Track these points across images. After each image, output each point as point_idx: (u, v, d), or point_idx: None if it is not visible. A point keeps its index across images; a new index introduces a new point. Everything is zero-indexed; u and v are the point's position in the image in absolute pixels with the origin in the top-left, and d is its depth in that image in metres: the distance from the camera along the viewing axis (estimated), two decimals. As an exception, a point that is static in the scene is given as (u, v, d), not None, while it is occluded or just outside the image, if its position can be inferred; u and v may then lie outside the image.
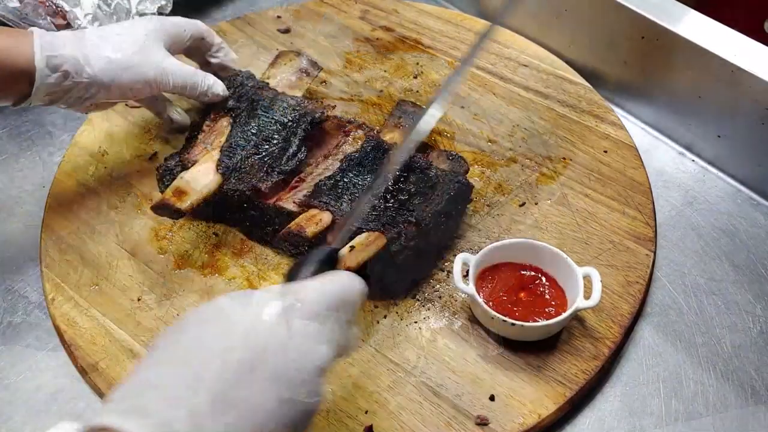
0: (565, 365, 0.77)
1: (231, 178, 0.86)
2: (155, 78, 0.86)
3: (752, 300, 0.84)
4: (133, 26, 0.88)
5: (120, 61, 0.84)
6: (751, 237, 0.90)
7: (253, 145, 0.88)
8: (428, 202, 0.83)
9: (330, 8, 1.21)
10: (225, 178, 0.86)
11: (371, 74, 1.10)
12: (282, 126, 0.90)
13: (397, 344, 0.79)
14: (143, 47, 0.86)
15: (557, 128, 1.00)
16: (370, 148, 0.88)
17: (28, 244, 0.91)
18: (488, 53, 1.11)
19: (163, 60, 0.87)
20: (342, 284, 0.61)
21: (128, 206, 0.93)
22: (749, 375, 0.78)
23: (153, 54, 0.87)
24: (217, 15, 1.25)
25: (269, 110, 0.91)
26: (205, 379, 0.51)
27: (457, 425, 0.73)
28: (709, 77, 0.94)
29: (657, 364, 0.79)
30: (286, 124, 0.90)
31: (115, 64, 0.84)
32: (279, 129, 0.90)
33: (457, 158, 0.90)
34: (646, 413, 0.76)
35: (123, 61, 0.85)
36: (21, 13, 1.02)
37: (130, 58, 0.85)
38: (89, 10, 1.06)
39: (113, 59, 0.84)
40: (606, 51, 1.06)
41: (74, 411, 0.77)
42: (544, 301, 0.79)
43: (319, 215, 0.82)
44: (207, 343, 0.54)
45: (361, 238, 0.80)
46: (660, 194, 0.95)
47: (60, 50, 0.81)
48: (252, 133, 0.90)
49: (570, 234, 0.88)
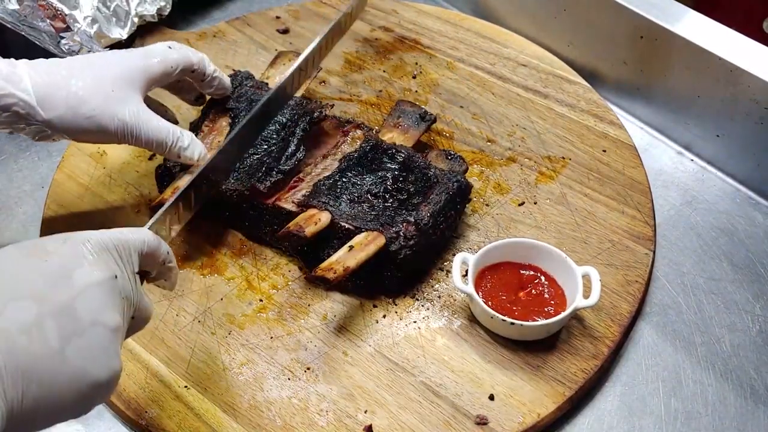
0: (565, 364, 0.77)
1: (229, 178, 0.86)
2: (116, 132, 0.78)
3: (751, 299, 0.84)
4: (107, 64, 0.79)
5: (77, 109, 0.76)
6: (750, 236, 0.90)
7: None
8: (427, 202, 0.83)
9: (329, 9, 1.21)
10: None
11: (370, 74, 1.10)
12: (281, 126, 0.90)
13: (396, 344, 0.79)
14: (108, 96, 0.77)
15: (556, 128, 1.01)
16: (369, 147, 0.88)
17: (27, 245, 0.91)
18: (487, 53, 1.11)
19: (130, 113, 0.78)
20: (122, 231, 0.62)
21: (127, 207, 0.93)
22: (748, 374, 0.78)
23: (120, 104, 0.77)
24: (217, 15, 1.25)
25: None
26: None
27: (457, 425, 0.73)
28: (707, 77, 0.95)
29: (656, 363, 0.79)
30: (285, 124, 0.90)
31: (72, 112, 0.76)
32: (278, 129, 0.90)
33: (456, 158, 0.90)
34: (646, 413, 0.76)
35: (81, 111, 0.76)
36: (20, 15, 1.02)
37: (91, 108, 0.76)
38: (88, 13, 1.06)
39: (71, 106, 0.75)
40: (605, 50, 1.06)
41: (74, 411, 0.77)
42: (543, 301, 0.79)
43: (317, 215, 0.82)
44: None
45: (360, 238, 0.80)
46: (659, 194, 0.95)
47: (13, 87, 0.73)
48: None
49: (569, 233, 0.88)
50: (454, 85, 1.07)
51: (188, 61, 0.85)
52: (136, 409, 0.75)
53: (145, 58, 0.82)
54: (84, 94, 0.76)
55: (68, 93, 0.76)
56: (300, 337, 0.80)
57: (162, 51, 0.83)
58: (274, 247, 0.88)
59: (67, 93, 0.76)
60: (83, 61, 0.79)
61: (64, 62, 0.79)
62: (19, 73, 0.75)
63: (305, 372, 0.77)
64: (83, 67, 0.78)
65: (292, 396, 0.76)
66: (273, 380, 0.77)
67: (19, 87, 0.74)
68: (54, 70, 0.77)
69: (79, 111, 0.76)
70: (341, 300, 0.83)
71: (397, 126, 0.94)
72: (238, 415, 0.74)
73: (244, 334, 0.81)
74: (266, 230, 0.87)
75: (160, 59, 0.82)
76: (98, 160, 0.99)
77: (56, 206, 0.93)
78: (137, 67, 0.80)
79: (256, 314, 0.82)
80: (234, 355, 0.79)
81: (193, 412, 0.75)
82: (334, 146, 0.92)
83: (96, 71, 0.78)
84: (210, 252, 0.88)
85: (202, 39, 1.16)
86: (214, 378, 0.77)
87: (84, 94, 0.76)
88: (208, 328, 0.81)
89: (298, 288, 0.85)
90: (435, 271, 0.86)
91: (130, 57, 0.81)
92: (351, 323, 0.81)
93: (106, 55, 0.82)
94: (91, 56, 0.81)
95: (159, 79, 0.83)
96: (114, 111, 0.77)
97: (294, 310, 0.83)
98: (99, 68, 0.78)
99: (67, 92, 0.76)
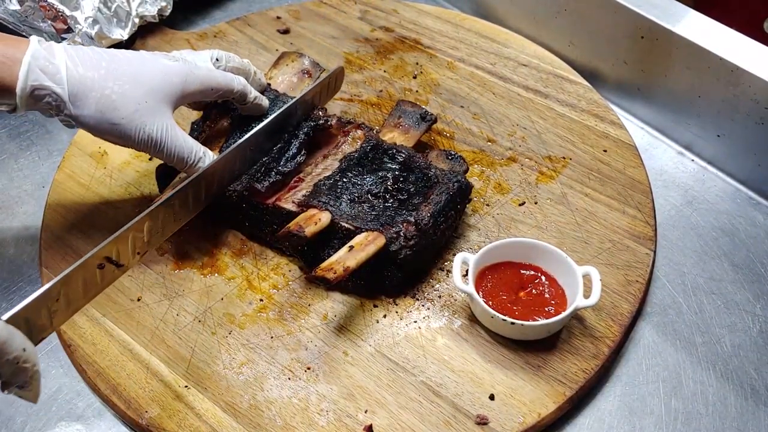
0: (565, 364, 0.77)
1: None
2: (140, 143, 0.77)
3: (752, 299, 0.84)
4: (148, 71, 0.76)
5: (107, 114, 0.74)
6: (751, 236, 0.90)
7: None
8: (427, 202, 0.83)
9: (329, 9, 1.21)
10: None
11: (371, 74, 1.10)
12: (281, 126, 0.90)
13: (396, 344, 0.79)
14: (140, 107, 0.75)
15: (557, 128, 1.00)
16: (369, 148, 0.88)
17: (28, 244, 0.92)
18: (487, 53, 1.11)
19: (158, 128, 0.77)
20: None
21: (127, 206, 0.93)
22: (749, 374, 0.78)
23: (149, 118, 0.76)
24: (218, 15, 1.25)
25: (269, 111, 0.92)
26: None
27: (457, 424, 0.73)
28: (708, 77, 0.94)
29: (657, 363, 0.79)
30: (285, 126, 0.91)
31: (100, 115, 0.75)
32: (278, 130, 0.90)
33: (457, 158, 0.90)
34: (646, 413, 0.76)
35: (110, 116, 0.75)
36: (21, 16, 1.02)
37: (120, 116, 0.75)
38: (90, 14, 1.06)
39: (101, 109, 0.74)
40: (605, 50, 1.06)
41: (74, 411, 0.77)
42: (543, 300, 0.79)
43: (318, 215, 0.82)
44: None
45: (360, 238, 0.80)
46: (659, 193, 0.95)
47: (47, 80, 0.73)
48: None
49: (570, 233, 0.88)
50: (454, 85, 1.07)
51: (229, 87, 0.82)
52: (136, 409, 0.75)
53: (187, 74, 0.79)
54: (117, 99, 0.75)
55: (101, 95, 0.74)
56: (300, 337, 0.80)
57: (206, 72, 0.80)
58: (275, 247, 0.88)
59: (101, 95, 0.74)
60: (124, 60, 0.77)
61: (106, 55, 0.77)
62: (57, 63, 0.74)
63: (305, 372, 0.77)
64: (123, 68, 0.76)
65: (293, 396, 0.76)
66: (273, 380, 0.77)
67: (55, 79, 0.73)
68: (93, 64, 0.75)
69: (107, 115, 0.75)
70: (342, 300, 0.83)
71: (397, 126, 0.94)
72: (238, 414, 0.74)
73: (244, 334, 0.81)
74: (267, 230, 0.87)
75: (201, 81, 0.80)
76: (99, 160, 0.99)
77: (57, 206, 0.93)
78: (177, 82, 0.78)
79: (256, 314, 0.82)
80: (234, 355, 0.79)
81: (193, 412, 0.75)
82: (334, 146, 0.92)
83: (134, 77, 0.76)
84: (210, 252, 0.88)
85: (203, 39, 1.16)
86: (214, 378, 0.77)
87: (117, 99, 0.75)
88: (209, 327, 0.81)
89: (298, 288, 0.85)
90: (435, 271, 0.86)
91: (172, 70, 0.78)
92: (351, 323, 0.81)
93: (149, 60, 0.79)
94: (133, 56, 0.78)
95: (196, 97, 0.81)
96: (142, 123, 0.76)
97: (294, 309, 0.83)
98: (138, 74, 0.76)
99: (100, 94, 0.74)
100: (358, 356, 0.79)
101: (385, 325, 0.81)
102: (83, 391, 0.79)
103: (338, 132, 0.93)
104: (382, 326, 0.81)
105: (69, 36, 1.04)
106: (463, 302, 0.82)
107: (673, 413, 0.76)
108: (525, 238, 0.85)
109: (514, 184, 0.94)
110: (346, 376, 0.77)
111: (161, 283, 0.85)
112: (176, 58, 0.81)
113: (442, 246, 0.87)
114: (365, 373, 0.77)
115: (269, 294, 0.84)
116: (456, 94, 1.06)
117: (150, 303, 0.84)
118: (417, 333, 0.80)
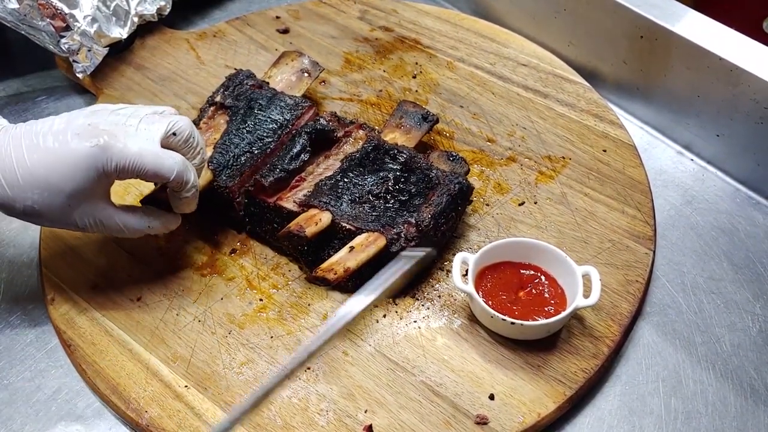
0: (565, 364, 0.77)
1: (222, 174, 0.86)
2: (85, 230, 0.77)
3: (751, 299, 0.84)
4: (62, 172, 0.72)
5: (37, 221, 0.76)
6: (750, 236, 0.90)
7: (246, 143, 0.89)
8: (428, 203, 0.83)
9: (329, 8, 1.21)
10: (216, 175, 0.86)
11: (370, 74, 1.10)
12: (278, 125, 0.90)
13: (396, 343, 0.79)
14: (66, 212, 0.74)
15: (556, 127, 1.01)
16: (371, 148, 0.88)
17: (27, 244, 0.91)
18: (487, 52, 1.11)
19: (92, 221, 0.76)
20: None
21: (128, 206, 0.93)
22: (748, 374, 0.78)
23: (80, 214, 0.75)
24: (217, 15, 1.25)
25: (266, 109, 0.92)
26: None
27: (457, 424, 0.73)
28: (707, 76, 0.95)
29: (656, 363, 0.79)
30: (283, 124, 0.90)
31: (33, 220, 0.75)
32: (275, 128, 0.90)
33: (458, 159, 0.90)
34: (646, 412, 0.76)
35: (41, 222, 0.76)
36: (20, 14, 1.02)
37: (49, 221, 0.75)
38: (88, 12, 1.05)
39: (29, 216, 0.74)
40: (605, 50, 1.06)
41: (74, 411, 0.77)
42: (543, 300, 0.79)
43: (318, 215, 0.82)
44: None
45: (361, 239, 0.80)
46: (659, 193, 0.95)
47: None
48: (247, 132, 0.90)
49: (569, 233, 0.88)
50: (454, 84, 1.07)
51: (161, 176, 0.75)
52: (136, 409, 0.75)
53: (108, 161, 0.73)
54: (40, 209, 0.74)
55: (24, 206, 0.74)
56: (300, 337, 0.80)
57: (134, 158, 0.73)
58: (275, 247, 0.88)
59: (23, 206, 0.74)
60: (40, 163, 0.72)
61: (25, 156, 0.73)
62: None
63: (305, 372, 0.77)
64: (39, 172, 0.72)
65: (292, 396, 0.76)
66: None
67: None
68: (11, 173, 0.72)
69: (38, 220, 0.76)
70: (341, 300, 0.83)
71: (399, 126, 0.94)
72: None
73: (244, 334, 0.81)
74: (267, 228, 0.87)
75: (126, 168, 0.74)
76: (98, 160, 0.98)
77: (56, 206, 0.93)
78: (96, 176, 0.73)
79: (256, 314, 0.82)
80: (234, 355, 0.79)
81: (193, 412, 0.75)
82: (336, 146, 0.92)
83: (50, 184, 0.72)
84: (210, 252, 0.88)
85: (202, 39, 1.16)
86: (214, 378, 0.77)
87: (40, 209, 0.74)
88: (209, 327, 0.81)
89: (298, 287, 0.85)
90: (435, 270, 0.86)
91: (92, 163, 0.72)
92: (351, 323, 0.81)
93: (65, 156, 0.72)
94: (48, 153, 0.72)
95: (128, 177, 0.75)
96: (75, 220, 0.75)
97: (294, 309, 0.83)
98: (53, 180, 0.72)
99: (23, 206, 0.74)
100: (358, 356, 0.79)
101: (384, 324, 0.81)
102: (83, 391, 0.79)
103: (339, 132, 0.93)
104: (382, 326, 0.81)
105: (68, 34, 1.03)
106: (463, 302, 0.82)
107: (672, 413, 0.76)
108: (525, 237, 0.85)
109: (514, 184, 0.94)
110: (346, 376, 0.77)
111: (161, 283, 0.85)
112: (106, 137, 0.73)
113: (441, 246, 0.87)
114: (365, 373, 0.77)
115: (269, 294, 0.84)
116: (455, 94, 1.06)
117: (150, 303, 0.84)
118: (417, 333, 0.80)
